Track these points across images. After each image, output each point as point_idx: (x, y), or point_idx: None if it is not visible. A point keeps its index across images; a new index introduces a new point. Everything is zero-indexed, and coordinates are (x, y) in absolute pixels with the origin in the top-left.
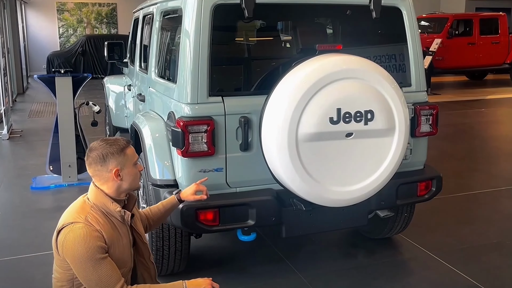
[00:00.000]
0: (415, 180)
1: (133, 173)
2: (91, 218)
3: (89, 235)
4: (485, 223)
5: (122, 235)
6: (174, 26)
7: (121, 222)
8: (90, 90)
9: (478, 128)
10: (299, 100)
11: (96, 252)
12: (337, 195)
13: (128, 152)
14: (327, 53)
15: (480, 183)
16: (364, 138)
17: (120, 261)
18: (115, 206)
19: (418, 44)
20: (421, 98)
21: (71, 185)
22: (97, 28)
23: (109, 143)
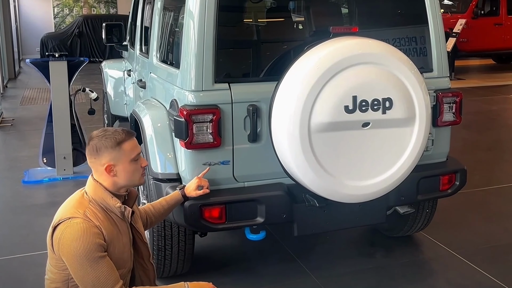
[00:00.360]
0: (438, 174)
1: (130, 169)
2: (90, 213)
3: (88, 232)
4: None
5: (122, 233)
6: (178, 6)
7: (121, 219)
8: (88, 75)
9: (506, 115)
10: (312, 87)
11: (95, 250)
12: (353, 190)
13: (125, 147)
14: (342, 36)
15: (508, 176)
16: (382, 128)
17: (119, 261)
18: (114, 201)
19: (440, 26)
20: (444, 84)
21: (66, 178)
22: (95, 7)
23: (106, 134)
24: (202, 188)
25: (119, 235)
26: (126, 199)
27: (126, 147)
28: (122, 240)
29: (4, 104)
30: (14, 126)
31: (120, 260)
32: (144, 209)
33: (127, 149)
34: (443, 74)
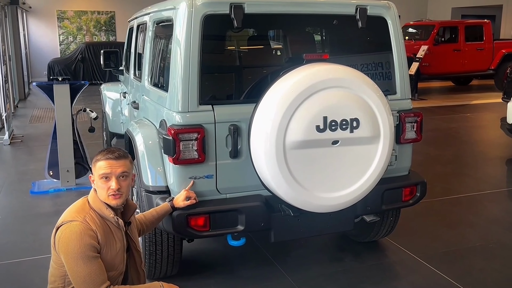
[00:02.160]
0: (400, 186)
1: (99, 185)
2: (89, 218)
3: (84, 233)
4: (469, 226)
5: (117, 240)
6: (166, 36)
7: (117, 227)
8: (90, 96)
9: (464, 133)
10: (287, 108)
11: (89, 249)
12: (324, 201)
13: (98, 164)
14: (314, 63)
15: (464, 187)
16: (350, 145)
17: (110, 264)
18: (109, 212)
19: (403, 53)
20: (406, 105)
21: (69, 189)
22: (96, 35)
23: (99, 152)
24: (190, 199)
25: (113, 241)
26: (123, 210)
27: (98, 165)
28: (116, 245)
29: (15, 122)
30: (23, 142)
31: (112, 263)
32: (138, 218)
33: (97, 166)
34: (406, 96)
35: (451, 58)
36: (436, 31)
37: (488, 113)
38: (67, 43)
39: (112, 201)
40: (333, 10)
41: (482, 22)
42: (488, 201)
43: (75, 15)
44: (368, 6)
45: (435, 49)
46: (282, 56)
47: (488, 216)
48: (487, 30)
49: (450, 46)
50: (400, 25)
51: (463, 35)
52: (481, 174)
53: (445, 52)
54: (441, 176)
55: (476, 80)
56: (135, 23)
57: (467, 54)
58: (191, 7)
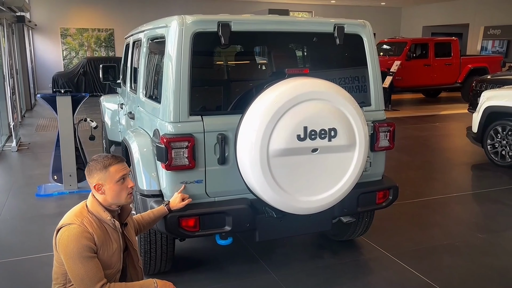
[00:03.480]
0: (374, 190)
1: (115, 189)
2: (87, 222)
3: (81, 235)
4: (437, 226)
5: (113, 241)
6: (159, 51)
7: (113, 229)
8: (91, 107)
9: (433, 140)
10: (270, 119)
11: (86, 250)
12: (304, 204)
13: (112, 169)
14: (295, 77)
15: (433, 190)
16: (328, 153)
17: (107, 263)
18: (106, 215)
19: (377, 68)
20: (380, 116)
21: (72, 192)
22: (96, 51)
23: (98, 159)
24: (184, 200)
25: (109, 242)
26: (120, 213)
27: (112, 170)
28: (112, 246)
29: (22, 131)
30: (30, 149)
31: (108, 262)
32: (135, 218)
33: (112, 171)
34: (380, 108)
35: (422, 72)
36: (408, 47)
37: (455, 122)
38: (70, 58)
39: (129, 199)
40: (313, 28)
41: (450, 39)
42: (454, 203)
43: (77, 32)
44: (345, 25)
45: (407, 64)
46: (266, 70)
47: (454, 217)
48: (455, 47)
49: (421, 61)
50: (374, 42)
51: (433, 51)
52: (448, 179)
53: (416, 67)
54: (411, 180)
55: (445, 93)
56: (131, 39)
57: (437, 68)
58: (182, 25)
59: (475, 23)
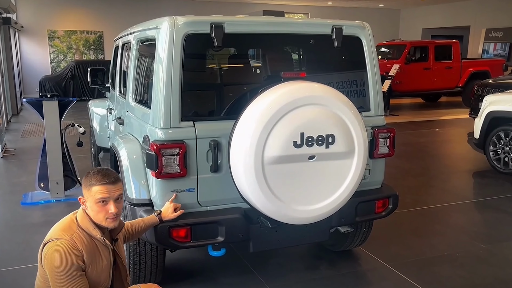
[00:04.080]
0: (373, 199)
1: (95, 209)
2: (76, 237)
3: (69, 252)
4: (437, 236)
5: (103, 257)
6: (149, 54)
7: (104, 245)
8: (79, 112)
9: (432, 147)
10: (265, 125)
11: (73, 268)
12: (301, 213)
13: (94, 189)
14: (292, 80)
15: (433, 198)
16: (325, 160)
17: (96, 280)
18: (96, 232)
19: (377, 71)
20: (379, 122)
21: (59, 200)
22: (85, 54)
23: (90, 174)
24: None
25: (99, 259)
26: (112, 229)
27: (94, 189)
28: (102, 263)
29: (7, 136)
30: (15, 156)
31: (97, 280)
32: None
33: (93, 190)
34: (379, 113)
35: (422, 76)
36: (407, 50)
37: (456, 128)
38: (58, 61)
39: (110, 224)
40: (310, 30)
41: (450, 42)
42: (455, 212)
43: (65, 34)
44: (344, 26)
45: (406, 67)
46: (261, 74)
47: (455, 226)
48: (455, 50)
49: (421, 65)
50: (374, 45)
51: (433, 55)
52: (449, 186)
53: (416, 71)
54: (411, 188)
55: (445, 97)
56: (120, 42)
57: (437, 72)
58: (173, 27)
59: (476, 25)
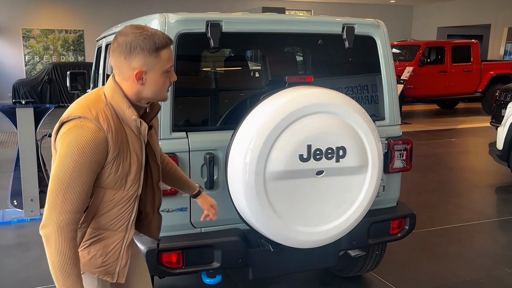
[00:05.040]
0: (388, 219)
1: (159, 81)
2: (103, 117)
3: (92, 143)
4: (457, 259)
5: (132, 151)
6: None
7: (135, 136)
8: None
9: (449, 158)
10: (267, 136)
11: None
12: (307, 236)
13: (163, 54)
14: (297, 86)
15: (452, 217)
16: (335, 176)
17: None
18: (131, 113)
19: (393, 76)
20: (395, 132)
21: (34, 219)
22: (63, 55)
23: (144, 34)
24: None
25: (126, 153)
26: (148, 111)
27: (164, 55)
28: (130, 159)
29: None
30: None
31: (122, 181)
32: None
33: (163, 57)
34: (395, 122)
35: (437, 80)
36: (421, 51)
37: (475, 138)
38: (33, 63)
39: (167, 95)
40: (318, 29)
41: (469, 42)
42: (477, 232)
43: (42, 34)
44: (356, 25)
45: (420, 70)
46: (262, 78)
47: (478, 248)
48: (475, 51)
49: (436, 67)
50: (389, 45)
51: (450, 56)
52: (469, 203)
53: (431, 74)
54: (427, 205)
55: (462, 103)
56: (103, 42)
57: (454, 76)
58: (164, 25)
59: (498, 23)
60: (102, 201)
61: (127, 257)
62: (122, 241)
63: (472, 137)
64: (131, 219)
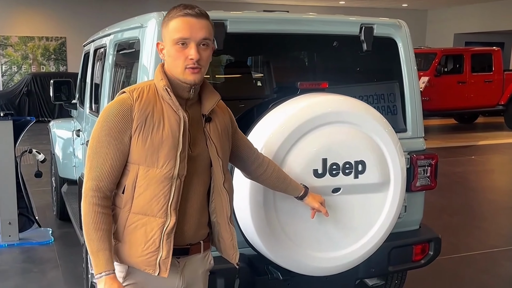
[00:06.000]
0: (410, 243)
1: (171, 54)
2: (138, 91)
3: (113, 108)
4: None
5: (166, 123)
6: (130, 62)
7: (173, 110)
8: (36, 135)
9: (471, 178)
10: (278, 148)
11: (109, 134)
12: (321, 262)
13: (171, 24)
14: (311, 93)
15: (476, 242)
16: (353, 194)
17: (150, 154)
18: (162, 82)
19: (416, 82)
20: (418, 145)
21: (11, 245)
22: (44, 65)
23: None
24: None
25: (159, 125)
26: (202, 101)
27: (171, 24)
28: (163, 132)
29: None
30: None
31: (154, 156)
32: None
33: (170, 26)
34: (418, 135)
35: (455, 91)
36: (438, 60)
37: (498, 155)
38: (11, 73)
39: (190, 76)
40: (334, 30)
41: (490, 50)
42: (506, 260)
43: (20, 41)
44: (375, 25)
45: (437, 80)
46: (269, 85)
47: (507, 277)
48: (496, 59)
49: (454, 77)
50: (412, 48)
51: (469, 65)
52: (495, 227)
53: (448, 85)
54: (449, 229)
55: (482, 117)
56: (91, 47)
57: (473, 87)
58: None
59: None
60: (137, 179)
61: (168, 248)
62: (162, 228)
63: (495, 154)
64: (169, 204)
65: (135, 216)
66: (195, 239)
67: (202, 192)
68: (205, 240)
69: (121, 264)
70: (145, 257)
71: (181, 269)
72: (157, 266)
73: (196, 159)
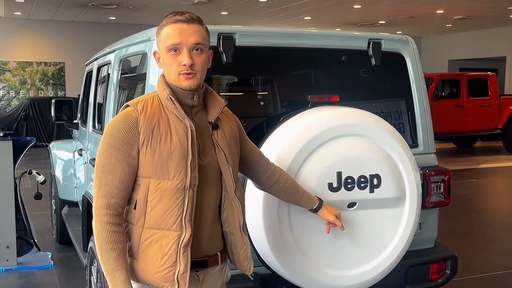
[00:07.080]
0: (427, 261)
1: (165, 61)
2: (142, 103)
3: (118, 122)
4: None
5: (173, 134)
6: (137, 76)
7: (179, 119)
8: (34, 160)
9: (476, 200)
10: (291, 162)
11: (116, 148)
12: (336, 280)
13: (163, 31)
14: (322, 106)
15: (489, 264)
16: (369, 209)
17: (160, 166)
18: (165, 92)
19: (425, 97)
20: (430, 161)
21: (9, 270)
22: (42, 90)
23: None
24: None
25: (166, 136)
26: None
27: (163, 32)
28: (171, 142)
29: None
30: None
31: (164, 168)
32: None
33: (162, 34)
34: (430, 150)
35: (453, 115)
36: (435, 85)
37: (499, 178)
38: (8, 98)
39: (184, 82)
40: (343, 44)
41: (486, 75)
42: None
43: (18, 66)
44: (383, 40)
45: (434, 105)
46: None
47: None
48: (492, 84)
49: (451, 102)
50: (420, 64)
51: (466, 90)
52: (504, 248)
53: (446, 109)
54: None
55: (481, 141)
56: (94, 65)
57: (471, 111)
58: None
59: None
60: (148, 193)
61: (186, 262)
62: (178, 242)
63: (496, 177)
64: (184, 216)
65: (149, 231)
66: (212, 250)
67: (214, 202)
68: (221, 251)
69: (138, 282)
70: (162, 273)
71: (200, 283)
72: (175, 281)
73: (206, 168)
